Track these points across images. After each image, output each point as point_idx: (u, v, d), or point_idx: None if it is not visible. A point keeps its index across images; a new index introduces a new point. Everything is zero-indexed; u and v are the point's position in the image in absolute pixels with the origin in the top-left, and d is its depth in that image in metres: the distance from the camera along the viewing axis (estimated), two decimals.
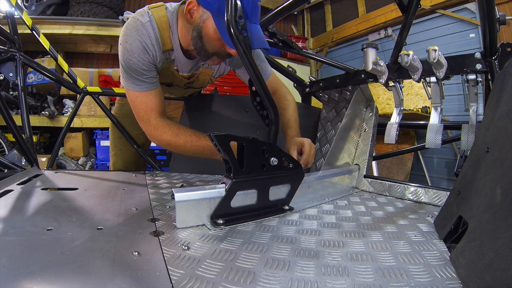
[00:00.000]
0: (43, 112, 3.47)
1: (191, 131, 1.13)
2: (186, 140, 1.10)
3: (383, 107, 3.27)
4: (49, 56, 2.16)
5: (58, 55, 1.66)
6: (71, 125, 1.88)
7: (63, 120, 3.52)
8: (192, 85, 1.40)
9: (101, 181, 1.21)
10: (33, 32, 1.56)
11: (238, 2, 0.86)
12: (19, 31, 1.46)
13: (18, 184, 1.01)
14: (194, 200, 0.71)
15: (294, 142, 1.13)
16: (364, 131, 1.32)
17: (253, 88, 1.03)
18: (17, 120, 1.29)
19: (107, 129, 3.49)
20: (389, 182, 1.14)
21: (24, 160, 1.29)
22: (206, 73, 1.34)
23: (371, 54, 1.03)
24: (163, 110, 1.18)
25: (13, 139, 2.16)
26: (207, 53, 1.10)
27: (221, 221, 0.73)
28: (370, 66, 1.04)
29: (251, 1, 0.97)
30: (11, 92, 3.38)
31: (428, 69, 1.05)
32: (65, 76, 1.83)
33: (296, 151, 1.10)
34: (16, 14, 1.51)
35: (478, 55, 0.98)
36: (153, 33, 1.09)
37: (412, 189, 1.06)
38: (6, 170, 1.19)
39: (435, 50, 0.94)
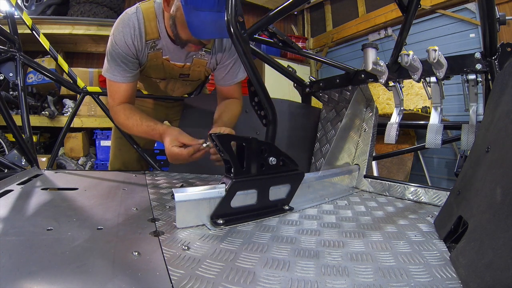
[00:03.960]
0: (43, 112, 3.47)
1: (139, 116, 1.22)
2: (133, 123, 1.21)
3: (383, 107, 3.26)
4: (49, 56, 2.15)
5: (58, 55, 1.66)
6: (71, 125, 1.88)
7: (63, 120, 3.52)
8: (189, 78, 1.42)
9: (101, 181, 1.21)
10: (33, 32, 1.56)
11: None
12: (19, 31, 1.46)
13: (18, 184, 1.01)
14: (194, 200, 0.71)
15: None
16: (364, 131, 1.32)
17: (252, 89, 1.04)
18: (17, 120, 1.29)
19: (107, 129, 3.50)
20: (389, 182, 1.14)
21: (24, 160, 1.29)
22: (200, 64, 1.35)
23: (371, 54, 1.03)
24: (128, 101, 1.27)
25: (13, 139, 2.16)
26: (182, 40, 1.15)
27: (221, 221, 0.73)
28: (370, 66, 1.03)
29: None
30: (11, 92, 3.37)
31: (428, 69, 1.05)
32: (65, 76, 1.83)
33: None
34: (16, 14, 1.51)
35: (478, 55, 0.98)
36: (137, 23, 1.16)
37: (412, 189, 1.06)
38: (6, 170, 1.19)
39: (435, 50, 0.94)
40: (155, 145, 1.91)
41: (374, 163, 2.44)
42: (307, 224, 0.78)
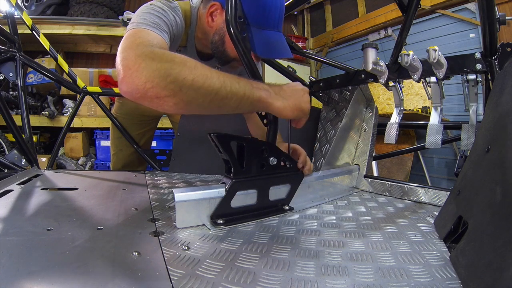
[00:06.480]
0: (43, 112, 3.47)
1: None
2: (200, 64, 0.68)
3: (383, 107, 3.26)
4: (49, 56, 2.16)
5: (58, 55, 1.66)
6: (71, 125, 1.88)
7: (63, 120, 3.52)
8: None
9: (101, 181, 1.21)
10: (33, 32, 1.56)
11: (239, 3, 0.86)
12: (19, 31, 1.46)
13: (18, 184, 1.01)
14: (194, 200, 0.71)
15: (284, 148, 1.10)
16: (364, 131, 1.32)
17: None
18: (17, 120, 1.29)
19: (107, 129, 3.49)
20: (389, 182, 1.14)
21: (24, 160, 1.29)
22: None
23: (371, 54, 1.02)
24: None
25: (13, 139, 2.16)
26: (228, 58, 1.05)
27: (221, 221, 0.73)
28: (370, 66, 1.03)
29: (279, 10, 0.96)
30: (11, 92, 3.38)
31: (428, 69, 1.05)
32: (65, 76, 1.83)
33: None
34: (16, 14, 1.51)
35: (478, 55, 0.98)
36: (179, 22, 0.96)
37: (412, 189, 1.06)
38: (6, 170, 1.19)
39: (435, 50, 0.94)
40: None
41: (374, 163, 2.44)
42: (307, 224, 0.78)
